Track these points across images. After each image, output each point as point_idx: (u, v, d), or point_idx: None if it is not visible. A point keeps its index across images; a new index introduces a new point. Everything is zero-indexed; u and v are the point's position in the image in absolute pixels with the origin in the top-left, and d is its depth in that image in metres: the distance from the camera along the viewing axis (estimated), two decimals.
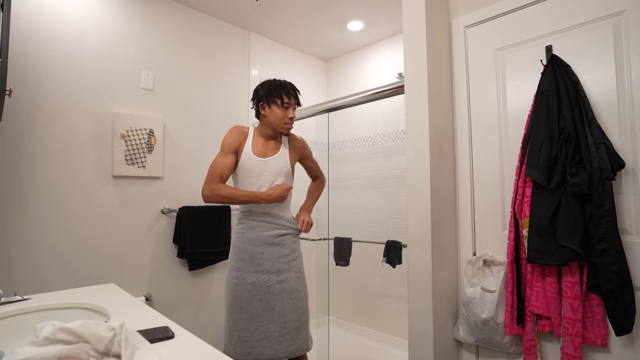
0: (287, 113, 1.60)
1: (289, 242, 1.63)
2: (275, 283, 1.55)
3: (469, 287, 1.46)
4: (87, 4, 1.97)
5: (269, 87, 1.62)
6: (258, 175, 1.61)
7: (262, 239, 1.58)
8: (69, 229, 1.86)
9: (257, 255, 1.57)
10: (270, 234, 1.59)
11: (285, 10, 2.45)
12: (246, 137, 1.66)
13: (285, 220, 1.64)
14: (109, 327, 0.67)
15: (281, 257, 1.59)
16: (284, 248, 1.60)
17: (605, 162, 1.16)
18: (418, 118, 1.53)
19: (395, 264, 2.06)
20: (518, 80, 1.46)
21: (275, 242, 1.60)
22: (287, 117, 1.61)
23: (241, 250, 1.59)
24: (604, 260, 1.15)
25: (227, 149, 1.61)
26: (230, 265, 1.63)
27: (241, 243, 1.60)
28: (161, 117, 2.22)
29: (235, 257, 1.61)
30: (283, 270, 1.57)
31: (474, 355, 1.55)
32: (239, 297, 1.55)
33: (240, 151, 1.63)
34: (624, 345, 1.20)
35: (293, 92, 1.62)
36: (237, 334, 1.53)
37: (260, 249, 1.57)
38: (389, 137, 2.76)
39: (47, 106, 1.82)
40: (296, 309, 1.57)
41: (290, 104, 1.61)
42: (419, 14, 1.54)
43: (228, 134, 1.64)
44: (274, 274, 1.56)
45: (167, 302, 2.19)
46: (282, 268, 1.57)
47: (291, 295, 1.56)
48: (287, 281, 1.57)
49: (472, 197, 1.58)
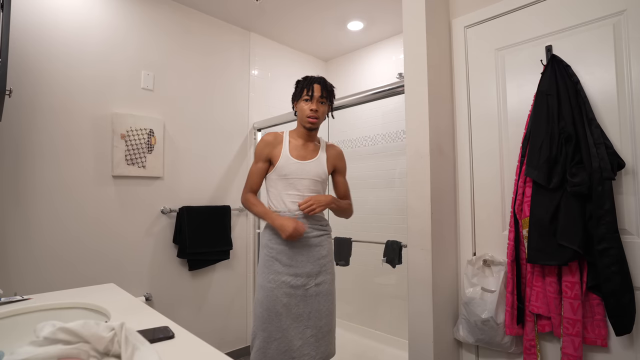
0: (309, 105, 1.54)
1: (327, 243, 1.59)
2: (313, 286, 1.50)
3: (469, 287, 1.46)
4: (87, 4, 1.97)
5: (297, 83, 1.61)
6: (299, 179, 1.56)
7: (302, 240, 1.52)
8: (69, 229, 1.86)
9: (297, 257, 1.51)
10: (310, 235, 1.54)
11: (285, 10, 2.45)
12: (281, 141, 1.60)
13: (323, 220, 1.62)
14: (109, 327, 0.67)
15: (320, 258, 1.54)
16: (322, 249, 1.56)
17: (605, 162, 1.16)
18: (418, 118, 1.53)
19: (395, 264, 2.06)
20: (518, 80, 1.46)
21: (315, 242, 1.55)
22: (308, 110, 1.54)
23: (279, 252, 1.52)
24: (604, 260, 1.15)
25: (258, 158, 1.61)
26: (263, 269, 1.54)
27: (278, 245, 1.53)
28: (161, 117, 2.22)
29: (270, 259, 1.53)
30: (321, 272, 1.54)
31: (474, 355, 1.55)
32: (277, 303, 1.47)
33: (276, 156, 1.58)
34: (624, 345, 1.19)
35: (319, 85, 1.55)
36: (275, 344, 1.44)
37: (301, 251, 1.52)
38: (389, 137, 2.76)
39: (47, 106, 1.82)
40: (330, 312, 1.54)
41: (314, 97, 1.54)
42: (419, 14, 1.53)
43: (258, 143, 1.63)
44: (313, 276, 1.51)
45: (167, 302, 2.19)
46: (320, 270, 1.53)
47: (327, 297, 1.53)
48: (323, 283, 1.53)
49: (472, 197, 1.58)
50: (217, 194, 2.48)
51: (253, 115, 2.71)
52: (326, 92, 1.56)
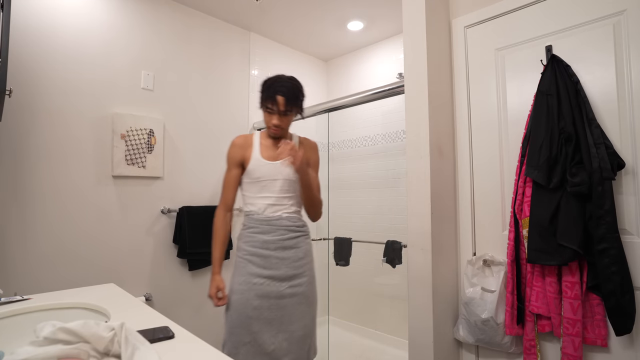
0: (271, 118, 1.47)
1: (304, 245, 1.52)
2: (287, 289, 1.44)
3: (469, 287, 1.46)
4: (87, 4, 1.97)
5: (263, 86, 1.51)
6: (272, 180, 1.49)
7: (276, 243, 1.46)
8: (68, 229, 1.86)
9: (271, 260, 1.45)
10: (285, 237, 1.48)
11: (285, 10, 2.45)
12: (251, 143, 1.54)
13: (299, 221, 1.55)
14: (109, 327, 0.67)
15: (295, 261, 1.48)
16: (298, 251, 1.50)
17: (605, 162, 1.16)
18: (418, 118, 1.53)
19: (395, 264, 2.06)
20: (518, 80, 1.46)
21: (290, 245, 1.48)
22: (271, 123, 1.48)
23: (252, 254, 1.47)
24: (604, 260, 1.15)
25: (230, 163, 1.54)
26: (235, 272, 1.50)
27: (252, 247, 1.47)
28: (161, 117, 2.22)
29: (242, 261, 1.48)
30: (297, 276, 1.47)
31: (474, 355, 1.55)
32: (247, 306, 1.41)
33: (247, 159, 1.52)
34: (624, 345, 1.19)
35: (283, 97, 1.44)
36: (244, 349, 1.39)
37: (275, 253, 1.46)
38: (389, 137, 2.76)
39: (47, 106, 1.82)
40: (306, 315, 1.47)
41: (273, 111, 1.46)
42: (419, 14, 1.53)
43: (229, 148, 1.57)
44: (287, 279, 1.45)
45: (167, 302, 2.19)
46: (296, 273, 1.47)
47: (302, 301, 1.47)
48: (299, 287, 1.47)
49: (472, 197, 1.58)
50: (217, 193, 2.48)
51: (253, 115, 2.71)
52: (290, 105, 1.47)
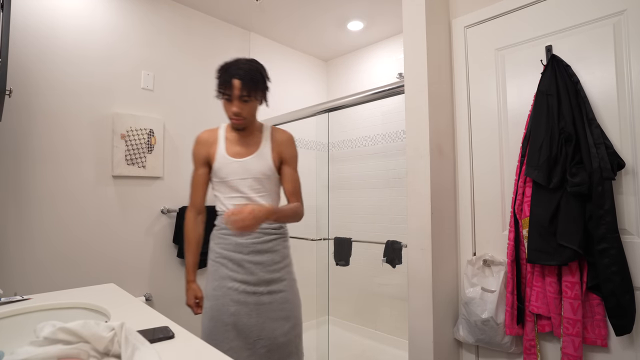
0: (230, 106, 1.31)
1: (280, 248, 1.41)
2: (265, 294, 1.34)
3: (469, 287, 1.46)
4: (87, 4, 1.97)
5: (219, 71, 1.33)
6: (240, 179, 1.35)
7: (250, 246, 1.35)
8: (68, 229, 1.86)
9: (245, 264, 1.34)
10: (259, 240, 1.37)
11: (285, 10, 2.45)
12: (216, 139, 1.41)
13: (274, 222, 1.42)
14: (109, 327, 0.67)
15: (271, 264, 1.37)
16: (275, 255, 1.39)
17: (605, 162, 1.16)
18: (418, 118, 1.53)
19: (395, 264, 2.06)
20: (518, 80, 1.46)
21: (265, 248, 1.37)
22: (230, 112, 1.32)
23: (225, 258, 1.36)
24: (604, 261, 1.15)
25: (196, 162, 1.44)
26: (209, 276, 1.39)
27: (225, 250, 1.37)
28: (161, 117, 2.22)
29: (215, 264, 1.38)
30: (274, 280, 1.37)
31: (474, 355, 1.55)
32: (223, 313, 1.31)
33: (213, 157, 1.39)
34: (624, 345, 1.19)
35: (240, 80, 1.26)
36: None
37: (249, 257, 1.35)
38: (389, 137, 2.76)
39: (46, 106, 1.82)
40: (287, 320, 1.37)
41: (233, 97, 1.29)
42: (419, 14, 1.53)
43: (193, 145, 1.45)
44: (263, 284, 1.35)
45: (167, 302, 2.19)
46: (273, 277, 1.36)
47: (283, 306, 1.37)
48: (278, 292, 1.37)
49: (472, 197, 1.58)
50: None
51: None
52: (249, 90, 1.28)
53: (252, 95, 1.30)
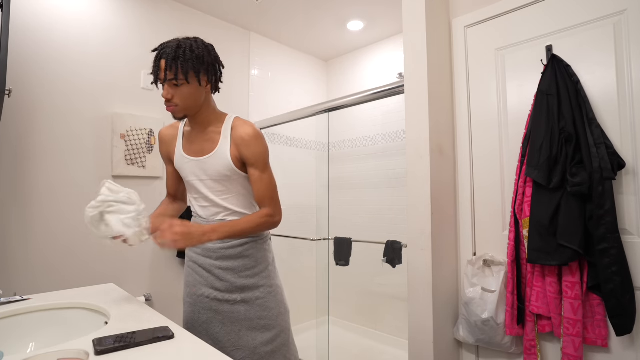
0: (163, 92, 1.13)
1: (254, 252, 1.26)
2: (239, 302, 1.22)
3: (469, 287, 1.46)
4: (87, 3, 1.97)
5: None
6: (199, 180, 1.22)
7: (218, 251, 1.23)
8: (68, 229, 1.86)
9: (214, 271, 1.23)
10: (227, 245, 1.23)
11: (285, 10, 2.45)
12: (175, 135, 1.28)
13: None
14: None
15: (243, 270, 1.24)
16: (248, 260, 1.24)
17: (605, 162, 1.16)
18: (418, 118, 1.53)
19: (395, 264, 2.06)
20: (518, 80, 1.46)
21: (235, 254, 1.23)
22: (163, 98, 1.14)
23: (196, 263, 1.26)
24: (605, 261, 1.15)
25: (163, 159, 1.34)
26: (184, 282, 1.31)
27: (195, 254, 1.27)
28: (161, 117, 2.22)
29: (188, 270, 1.29)
30: (248, 287, 1.23)
31: (474, 356, 1.55)
32: (196, 320, 1.23)
33: (172, 155, 1.28)
34: (624, 345, 1.19)
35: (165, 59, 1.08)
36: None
37: (218, 263, 1.23)
38: (389, 137, 2.76)
39: (46, 106, 1.82)
40: (268, 329, 1.24)
41: (159, 80, 1.12)
42: (419, 14, 1.53)
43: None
44: (237, 292, 1.22)
45: (167, 302, 2.19)
46: (246, 284, 1.23)
47: (261, 314, 1.24)
48: (254, 299, 1.24)
49: (472, 197, 1.58)
50: None
51: (253, 115, 2.71)
52: (176, 70, 1.07)
53: (181, 77, 1.08)
